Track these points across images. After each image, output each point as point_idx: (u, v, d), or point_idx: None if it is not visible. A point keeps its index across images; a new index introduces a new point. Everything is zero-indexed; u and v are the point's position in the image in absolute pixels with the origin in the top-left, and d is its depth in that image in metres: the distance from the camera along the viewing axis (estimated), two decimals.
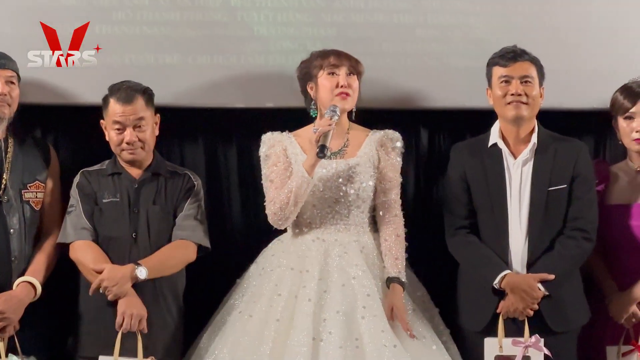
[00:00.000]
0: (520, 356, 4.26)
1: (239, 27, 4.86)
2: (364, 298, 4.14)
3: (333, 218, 4.36)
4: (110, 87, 4.46)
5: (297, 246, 4.36)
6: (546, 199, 4.38)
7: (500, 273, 4.33)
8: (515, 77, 4.39)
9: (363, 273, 4.23)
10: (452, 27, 4.89)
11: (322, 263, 4.26)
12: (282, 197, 4.25)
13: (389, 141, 4.47)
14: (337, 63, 4.36)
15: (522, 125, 4.42)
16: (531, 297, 4.30)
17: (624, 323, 4.45)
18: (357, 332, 4.06)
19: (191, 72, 4.86)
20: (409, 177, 5.02)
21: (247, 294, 4.32)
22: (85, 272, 4.37)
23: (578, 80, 4.82)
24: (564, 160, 4.41)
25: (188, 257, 4.44)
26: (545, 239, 4.39)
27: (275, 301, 4.17)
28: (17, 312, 4.26)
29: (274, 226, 4.34)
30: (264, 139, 4.47)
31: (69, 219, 4.41)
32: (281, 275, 4.27)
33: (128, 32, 4.83)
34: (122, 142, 4.40)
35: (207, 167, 4.99)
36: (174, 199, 4.47)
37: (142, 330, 4.24)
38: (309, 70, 4.43)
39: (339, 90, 4.33)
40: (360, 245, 4.35)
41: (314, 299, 4.13)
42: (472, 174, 4.47)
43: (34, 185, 4.45)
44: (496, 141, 4.46)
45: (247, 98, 4.87)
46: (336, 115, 4.23)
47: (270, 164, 4.39)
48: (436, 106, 4.96)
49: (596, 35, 4.88)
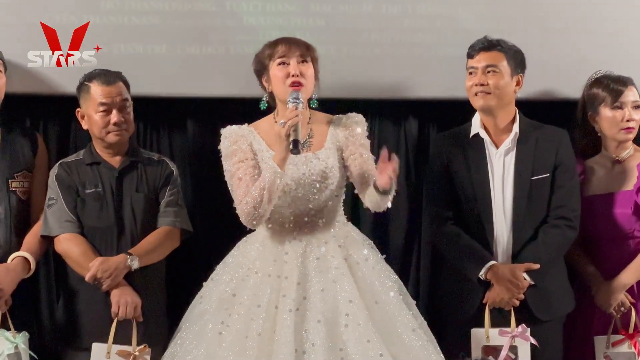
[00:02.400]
0: (507, 346, 4.27)
1: (228, 17, 4.87)
2: (346, 304, 3.95)
3: (307, 215, 4.15)
4: (86, 75, 4.48)
5: (273, 248, 4.15)
6: (529, 188, 4.39)
7: (486, 264, 4.34)
8: (479, 68, 4.40)
9: (343, 276, 4.02)
10: (440, 17, 4.90)
11: (300, 266, 4.06)
12: (254, 195, 3.99)
13: (355, 124, 4.24)
14: (287, 51, 4.16)
15: (496, 116, 4.43)
16: (517, 287, 4.31)
17: (611, 312, 4.46)
18: (341, 341, 3.90)
19: (180, 61, 4.87)
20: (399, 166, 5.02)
21: (217, 299, 4.11)
22: (73, 265, 4.38)
23: (565, 70, 4.83)
24: (546, 149, 4.42)
25: (174, 242, 4.48)
26: (530, 229, 4.40)
27: (255, 313, 3.97)
28: (10, 284, 4.28)
29: (248, 226, 4.11)
30: (224, 133, 4.23)
31: (49, 212, 4.40)
32: (258, 282, 4.06)
33: (116, 22, 4.83)
34: (109, 123, 4.40)
35: (195, 156, 4.99)
36: (155, 185, 4.49)
37: (137, 318, 4.27)
38: (261, 61, 4.24)
39: (290, 80, 4.12)
40: (339, 239, 4.15)
41: (294, 309, 3.94)
42: (455, 164, 4.48)
43: (21, 174, 4.45)
44: (478, 131, 4.47)
45: (236, 88, 4.86)
46: (300, 102, 4.01)
47: (236, 161, 4.13)
48: (425, 96, 4.96)
49: (583, 25, 4.89)
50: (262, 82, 4.26)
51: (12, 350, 4.23)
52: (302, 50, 4.18)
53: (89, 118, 4.45)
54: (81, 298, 4.42)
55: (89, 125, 4.45)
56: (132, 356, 4.23)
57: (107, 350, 4.22)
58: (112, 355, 4.22)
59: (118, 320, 4.27)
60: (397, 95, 4.96)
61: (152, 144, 4.95)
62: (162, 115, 4.95)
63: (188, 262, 4.75)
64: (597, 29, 4.89)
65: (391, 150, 4.14)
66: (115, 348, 4.23)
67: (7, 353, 4.21)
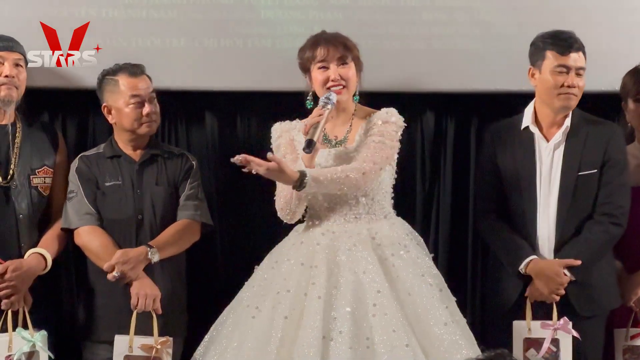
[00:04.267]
0: (549, 338, 4.25)
1: (246, 11, 4.87)
2: (374, 295, 3.98)
3: (341, 208, 4.20)
4: (108, 70, 4.48)
5: (308, 239, 4.20)
6: (575, 184, 4.34)
7: (526, 258, 4.32)
8: (573, 69, 4.32)
9: (373, 267, 4.05)
10: (458, 9, 4.87)
11: (330, 258, 4.10)
12: (285, 192, 4.13)
13: (378, 117, 4.24)
14: (326, 55, 4.19)
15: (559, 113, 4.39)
16: (556, 283, 4.28)
17: (632, 305, 4.44)
18: (368, 331, 3.92)
19: (198, 55, 4.87)
20: (415, 159, 5.03)
21: (256, 285, 4.19)
22: (92, 257, 4.40)
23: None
24: (595, 144, 4.36)
25: (194, 236, 4.49)
26: (574, 225, 4.35)
27: (284, 297, 4.03)
28: (25, 281, 4.27)
29: (284, 220, 4.21)
30: (272, 129, 4.35)
31: (69, 205, 4.42)
32: (290, 270, 4.12)
33: (134, 16, 4.84)
34: (141, 115, 4.42)
35: (213, 150, 5.00)
36: (175, 179, 4.51)
37: (156, 310, 4.29)
38: (303, 63, 4.28)
39: (330, 84, 4.18)
40: (371, 233, 4.17)
41: (324, 296, 3.98)
42: (503, 157, 4.44)
43: (42, 170, 4.46)
44: (528, 124, 4.41)
45: (253, 81, 4.87)
46: (330, 104, 4.08)
47: (280, 156, 4.20)
48: (442, 89, 4.95)
49: (600, 17, 4.86)
50: (307, 80, 4.31)
51: (28, 349, 4.22)
52: (341, 52, 4.22)
53: (117, 112, 4.45)
54: (100, 290, 4.43)
55: (118, 118, 4.45)
56: (154, 349, 4.23)
57: (129, 343, 4.23)
58: (135, 349, 4.22)
59: (137, 312, 4.27)
60: (415, 88, 4.95)
61: (170, 137, 4.95)
62: (180, 108, 4.96)
63: (207, 256, 4.75)
64: (616, 20, 4.86)
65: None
66: (137, 340, 4.24)
67: (23, 351, 4.20)
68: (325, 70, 4.19)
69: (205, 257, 4.73)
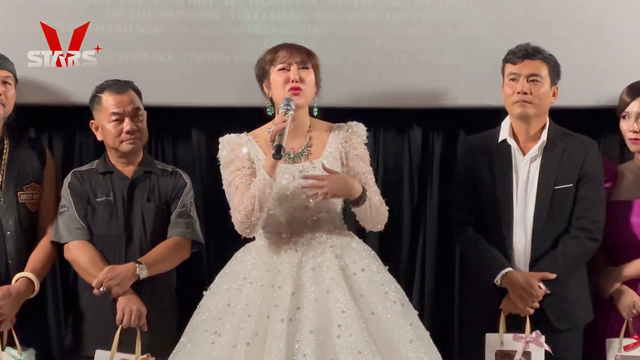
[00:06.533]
0: (521, 351, 4.27)
1: (233, 26, 4.87)
2: (339, 315, 3.88)
3: (304, 225, 4.10)
4: (97, 87, 4.48)
5: (268, 258, 4.09)
6: (551, 197, 4.37)
7: (502, 270, 4.34)
8: (522, 75, 4.36)
9: (338, 286, 3.94)
10: (445, 24, 4.89)
11: (295, 277, 3.99)
12: (246, 203, 3.98)
13: (354, 134, 4.18)
14: (288, 57, 4.13)
15: (530, 123, 4.41)
16: (531, 296, 4.30)
17: (623, 314, 4.43)
18: (333, 352, 3.82)
19: (185, 71, 4.87)
20: (402, 175, 5.04)
21: (213, 309, 4.07)
22: (81, 272, 4.39)
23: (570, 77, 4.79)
24: (572, 159, 4.39)
25: (184, 254, 4.48)
26: (550, 238, 4.38)
27: (246, 322, 3.92)
28: (13, 307, 4.27)
29: (243, 235, 4.06)
30: (222, 141, 4.21)
31: (60, 219, 4.42)
32: (252, 292, 4.00)
33: (121, 31, 4.84)
34: (122, 132, 4.40)
35: (200, 166, 4.99)
36: (167, 196, 4.49)
37: (141, 327, 4.26)
38: (262, 67, 4.20)
39: (290, 85, 4.08)
40: (335, 251, 4.07)
41: (287, 318, 3.88)
42: (480, 169, 4.46)
43: (29, 186, 4.44)
44: (506, 137, 4.44)
45: (240, 97, 4.85)
46: (291, 110, 4.00)
47: (233, 169, 4.12)
48: (429, 104, 4.96)
49: (588, 32, 4.88)
50: (263, 87, 4.24)
51: None
52: (303, 56, 4.16)
53: (102, 128, 4.45)
54: (87, 306, 4.42)
55: (103, 135, 4.46)
56: None
57: (110, 358, 4.20)
58: None
59: (123, 328, 4.25)
60: (402, 103, 4.95)
61: (157, 152, 4.94)
62: (167, 124, 4.94)
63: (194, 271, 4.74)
64: (602, 36, 4.88)
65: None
66: (118, 356, 4.21)
67: None
68: (286, 71, 4.12)
69: (192, 272, 4.70)
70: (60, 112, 4.88)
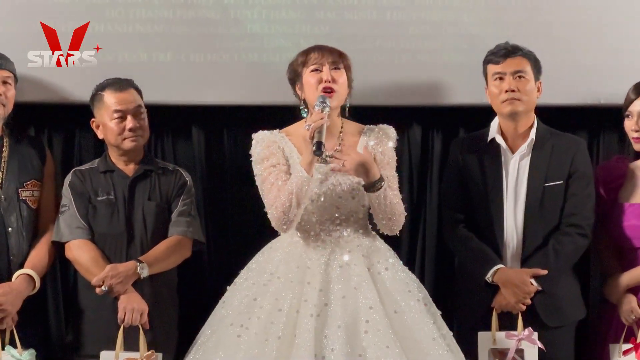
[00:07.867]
0: (514, 349, 4.28)
1: (232, 25, 4.87)
2: (366, 311, 3.95)
3: (333, 224, 4.18)
4: (98, 85, 4.49)
5: (296, 255, 4.15)
6: (542, 194, 4.40)
7: (493, 267, 4.36)
8: (508, 73, 4.40)
9: (365, 283, 4.02)
10: (445, 23, 4.90)
11: (323, 273, 4.06)
12: (283, 200, 4.02)
13: (385, 137, 4.29)
14: (320, 58, 4.18)
15: (519, 121, 4.44)
16: (523, 292, 4.33)
17: (623, 319, 4.43)
18: (361, 347, 3.88)
19: (184, 69, 4.87)
20: (402, 173, 5.02)
21: (239, 303, 4.11)
22: (82, 271, 4.40)
23: (570, 76, 4.84)
24: (561, 157, 4.43)
25: (185, 252, 4.48)
26: (540, 235, 4.41)
27: (276, 317, 3.96)
28: (15, 304, 4.27)
29: (279, 231, 4.13)
30: (257, 138, 4.26)
31: (62, 219, 4.43)
32: (280, 288, 4.06)
33: (121, 30, 4.84)
34: (124, 130, 4.41)
35: (200, 164, 4.99)
36: (168, 195, 4.50)
37: (143, 325, 4.26)
38: (294, 69, 4.26)
39: (323, 85, 4.14)
40: (363, 249, 4.16)
41: (316, 313, 3.94)
42: (470, 168, 4.49)
43: (30, 183, 4.45)
44: (494, 136, 4.48)
45: (240, 95, 4.88)
46: (327, 107, 4.03)
47: (268, 165, 4.16)
48: (429, 102, 4.97)
49: (588, 31, 4.89)
50: (296, 90, 4.28)
51: None
52: (334, 57, 4.22)
53: (104, 126, 4.46)
54: (88, 305, 4.42)
55: (105, 133, 4.46)
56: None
57: (115, 357, 4.20)
58: None
59: (124, 327, 4.25)
60: (401, 101, 4.96)
61: (156, 151, 4.94)
62: (167, 123, 4.95)
63: (195, 269, 4.74)
64: (601, 34, 4.89)
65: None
66: (123, 355, 4.22)
67: None
68: (318, 72, 4.17)
69: (192, 270, 4.71)
70: (59, 111, 4.88)
